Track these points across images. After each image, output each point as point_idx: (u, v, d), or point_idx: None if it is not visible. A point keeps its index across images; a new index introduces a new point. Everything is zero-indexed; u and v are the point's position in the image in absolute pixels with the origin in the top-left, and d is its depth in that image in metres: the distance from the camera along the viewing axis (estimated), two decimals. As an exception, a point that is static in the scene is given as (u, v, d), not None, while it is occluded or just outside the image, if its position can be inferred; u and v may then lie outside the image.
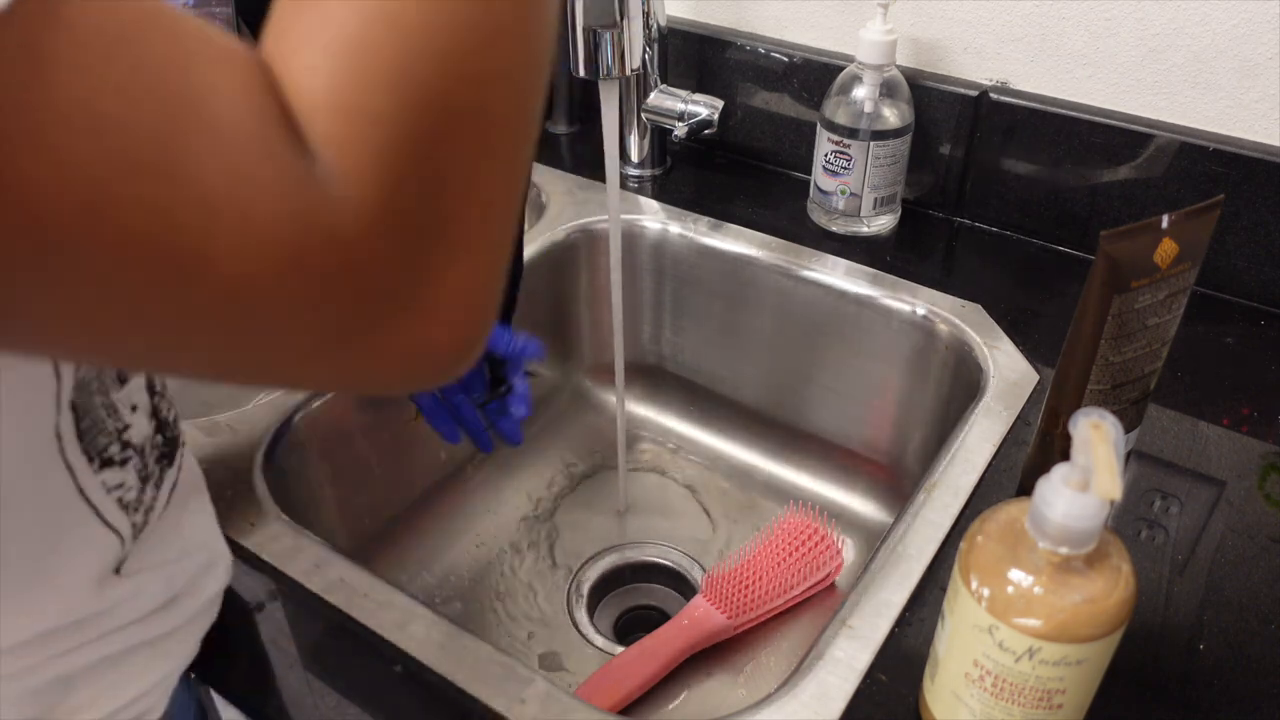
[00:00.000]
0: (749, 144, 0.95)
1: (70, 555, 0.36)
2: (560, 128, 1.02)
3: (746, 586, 0.70)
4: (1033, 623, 0.40)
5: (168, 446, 0.41)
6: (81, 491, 0.36)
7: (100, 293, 0.22)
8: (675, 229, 0.87)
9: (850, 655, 0.51)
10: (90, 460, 0.36)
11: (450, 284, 0.27)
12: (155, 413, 0.40)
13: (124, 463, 0.37)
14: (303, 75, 0.25)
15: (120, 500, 0.37)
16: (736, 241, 0.84)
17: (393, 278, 0.25)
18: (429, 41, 0.26)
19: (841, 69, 0.82)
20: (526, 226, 0.92)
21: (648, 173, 0.94)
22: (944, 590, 0.45)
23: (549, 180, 0.93)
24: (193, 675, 0.52)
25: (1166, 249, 0.52)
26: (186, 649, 0.46)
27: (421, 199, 0.26)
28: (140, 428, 0.38)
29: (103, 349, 0.25)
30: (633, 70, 0.65)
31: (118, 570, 0.39)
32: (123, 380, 0.37)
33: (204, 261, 0.22)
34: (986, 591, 0.41)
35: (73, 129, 0.20)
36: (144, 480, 0.39)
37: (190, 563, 0.44)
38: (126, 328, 0.23)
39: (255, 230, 0.23)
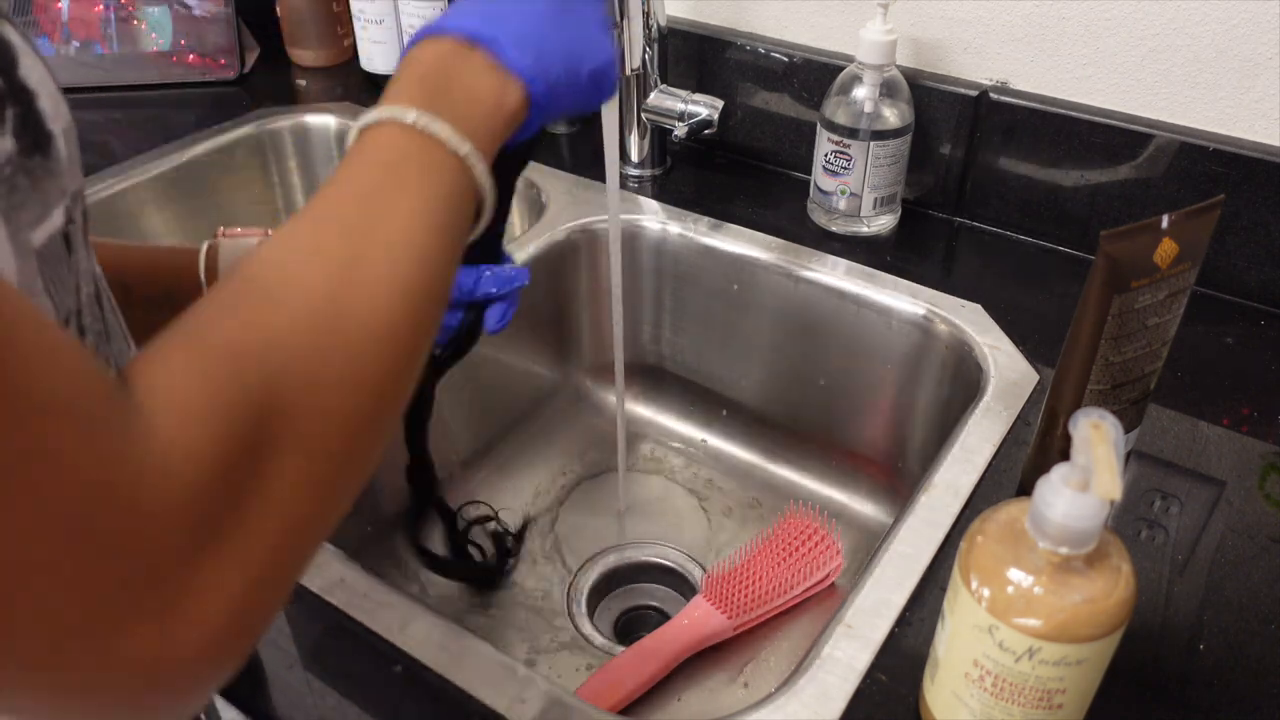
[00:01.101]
0: (749, 144, 0.95)
1: None
2: (560, 128, 1.02)
3: (746, 586, 0.70)
4: (1033, 623, 0.40)
5: None
6: None
7: None
8: (675, 229, 0.87)
9: (850, 655, 0.51)
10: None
11: (227, 595, 0.26)
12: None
13: None
14: (156, 364, 0.26)
15: None
16: (736, 241, 0.84)
17: (170, 569, 0.24)
18: (305, 351, 0.28)
19: (841, 69, 0.82)
20: (527, 226, 0.92)
21: (648, 173, 0.94)
22: (944, 590, 0.45)
23: (549, 180, 0.93)
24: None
25: (1166, 249, 0.52)
26: None
27: (233, 499, 0.26)
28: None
29: None
30: (633, 70, 0.65)
31: None
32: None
33: None
34: (986, 591, 0.41)
35: None
36: None
37: None
38: None
39: (44, 494, 0.22)
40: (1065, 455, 0.39)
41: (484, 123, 0.38)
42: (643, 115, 0.90)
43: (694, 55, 0.93)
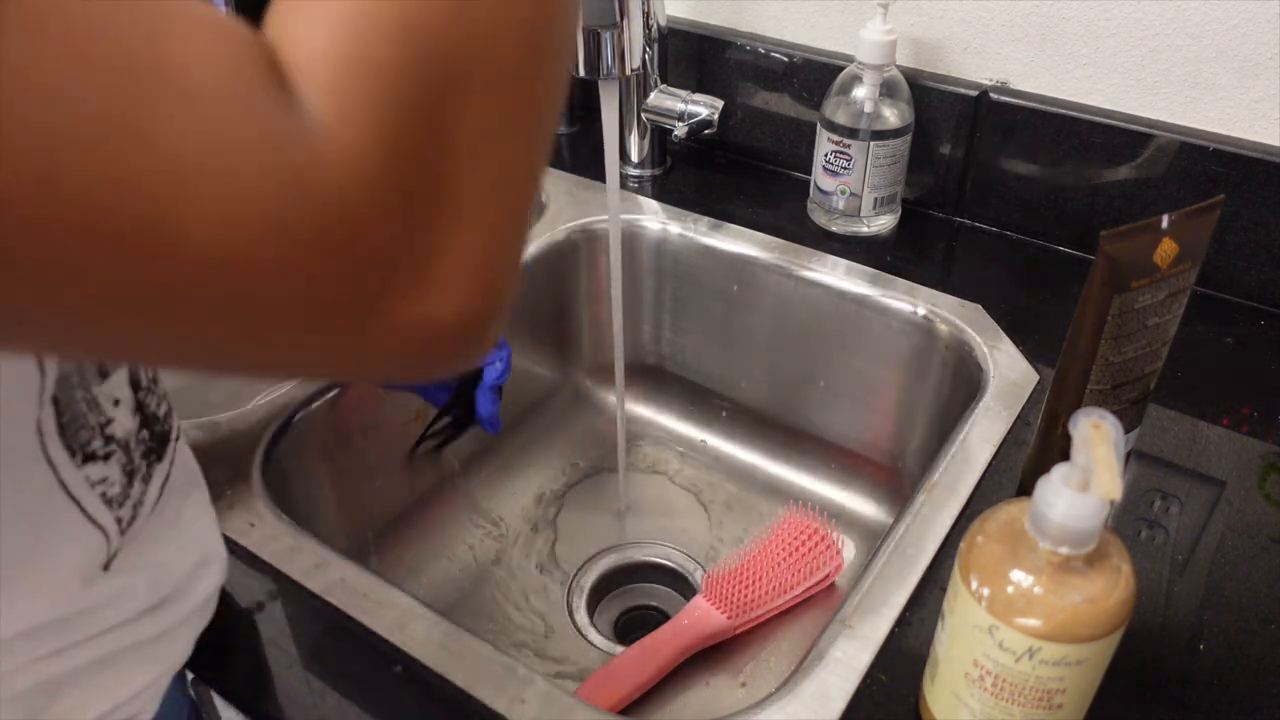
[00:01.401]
0: (749, 144, 0.95)
1: (54, 550, 0.36)
2: (560, 128, 1.02)
3: (746, 586, 0.70)
4: (1033, 623, 0.40)
5: (155, 442, 0.40)
6: (64, 486, 0.35)
7: (65, 276, 0.20)
8: (675, 229, 0.87)
9: (850, 655, 0.51)
10: (72, 455, 0.35)
11: (458, 256, 0.25)
12: (140, 408, 0.39)
13: (107, 457, 0.37)
14: (302, 31, 0.23)
15: (104, 495, 0.37)
16: (736, 241, 0.84)
17: (391, 246, 0.23)
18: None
19: (841, 69, 0.82)
20: (526, 226, 0.92)
21: (648, 173, 0.94)
22: (944, 590, 0.45)
23: (549, 180, 0.93)
24: (190, 677, 0.52)
25: (1166, 249, 0.52)
26: (177, 652, 0.45)
27: (425, 161, 0.24)
28: (123, 422, 0.38)
29: (74, 340, 0.23)
30: (633, 70, 0.65)
31: (107, 566, 0.39)
32: (104, 374, 0.37)
33: (177, 233, 0.20)
34: (986, 591, 0.41)
35: (18, 96, 0.18)
36: (129, 475, 0.38)
37: (183, 561, 0.44)
38: (98, 314, 0.21)
39: (232, 196, 0.21)
40: (1065, 455, 0.39)
41: None
42: (643, 115, 0.90)
43: (694, 55, 0.93)
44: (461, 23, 0.25)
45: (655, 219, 0.88)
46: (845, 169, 0.82)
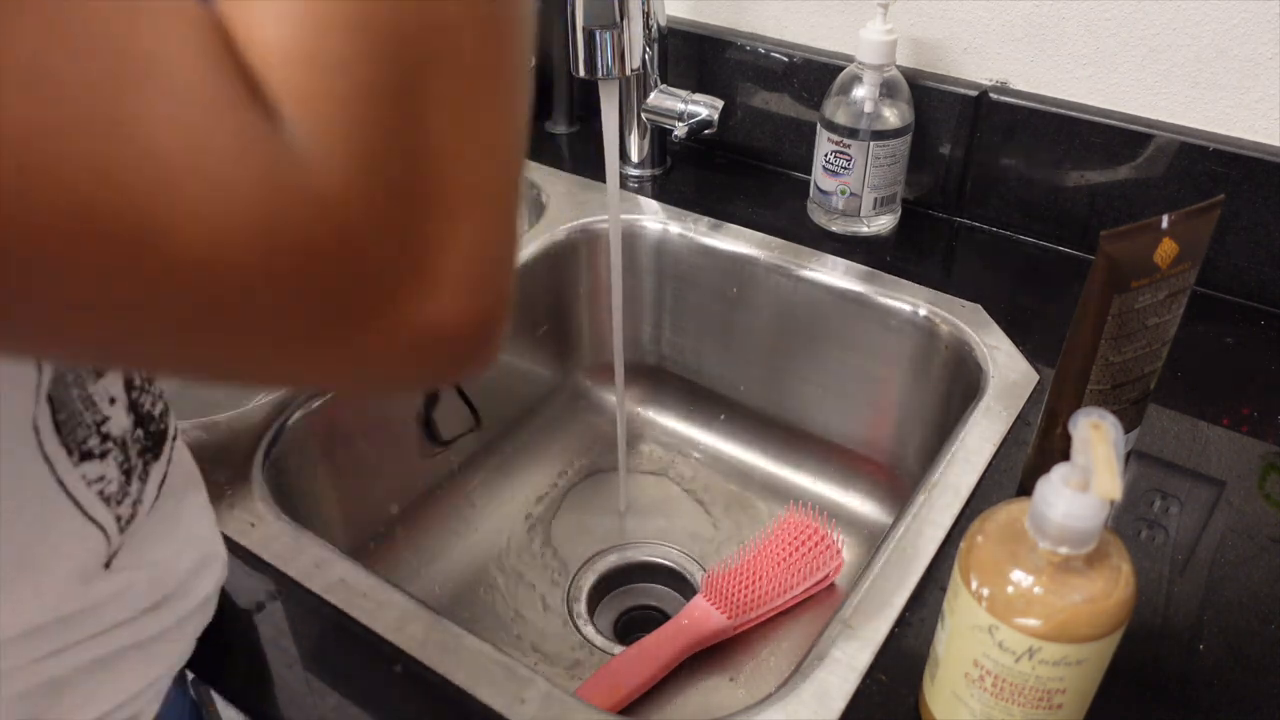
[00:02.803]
0: (749, 144, 0.95)
1: (53, 549, 0.36)
2: (560, 128, 1.02)
3: (746, 586, 0.70)
4: (1033, 623, 0.40)
5: (151, 440, 0.40)
6: (61, 484, 0.35)
7: (46, 272, 0.19)
8: (675, 229, 0.87)
9: (850, 655, 0.51)
10: (69, 453, 0.35)
11: (454, 248, 0.24)
12: (135, 407, 0.39)
13: (103, 455, 0.37)
14: (256, 27, 0.22)
15: (101, 493, 0.37)
16: (736, 241, 0.84)
17: (387, 245, 0.23)
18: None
19: (841, 69, 0.82)
20: (526, 226, 0.92)
21: (648, 173, 0.94)
22: (944, 590, 0.45)
23: (549, 180, 0.93)
24: (190, 677, 0.52)
25: (1166, 249, 0.52)
26: (178, 652, 0.45)
27: (404, 154, 0.23)
28: (119, 420, 0.38)
29: (57, 342, 0.22)
30: (633, 70, 0.65)
31: (107, 565, 0.39)
32: (99, 373, 0.37)
33: (160, 232, 0.20)
34: (986, 591, 0.41)
35: None
36: (126, 474, 0.38)
37: (183, 560, 0.44)
38: (80, 315, 0.21)
39: (218, 194, 0.20)
40: (1065, 455, 0.39)
41: None
42: (643, 115, 0.90)
43: (694, 55, 0.93)
44: (420, 13, 0.24)
45: (655, 219, 0.88)
46: (845, 169, 0.82)
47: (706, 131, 0.87)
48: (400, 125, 0.23)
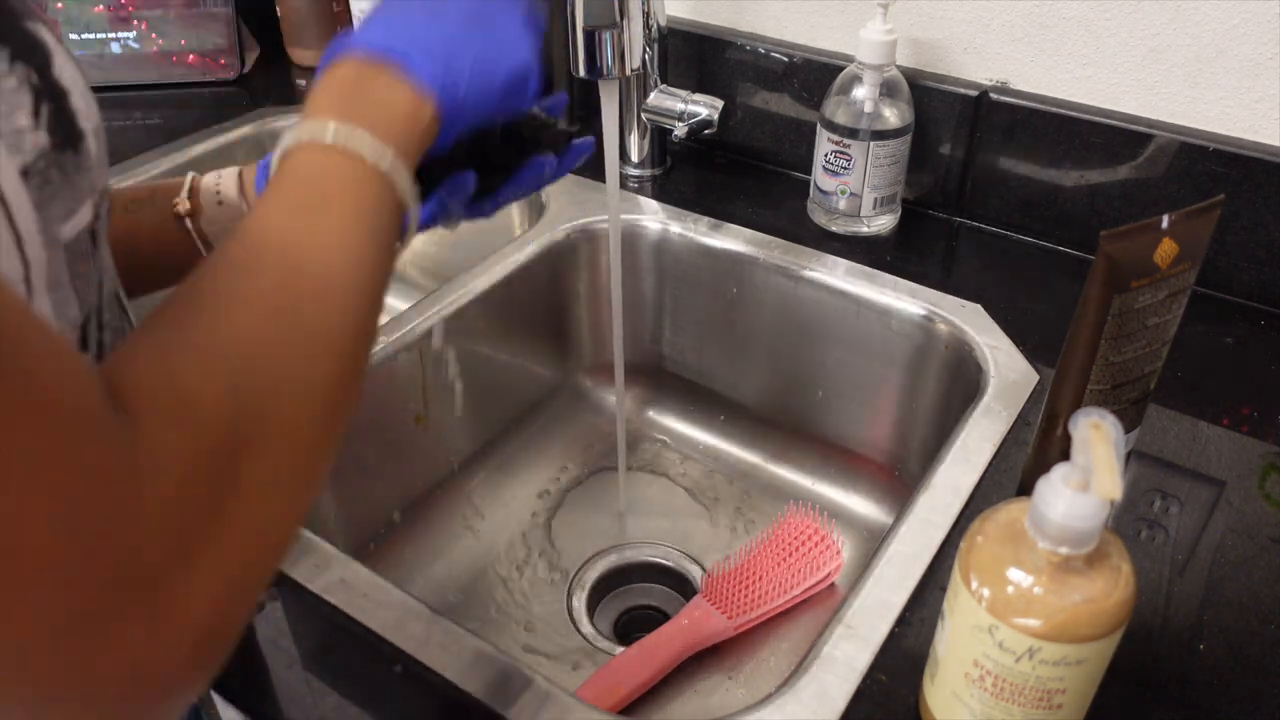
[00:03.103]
0: (749, 144, 0.95)
1: None
2: (560, 127, 1.02)
3: (746, 586, 0.70)
4: (1033, 623, 0.40)
5: None
6: None
7: None
8: (675, 229, 0.87)
9: (850, 655, 0.51)
10: None
11: (208, 595, 0.26)
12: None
13: None
14: (137, 366, 0.27)
15: None
16: (736, 241, 0.84)
17: (155, 569, 0.25)
18: (265, 355, 0.29)
19: (841, 69, 0.82)
20: (527, 226, 0.92)
21: (648, 173, 0.94)
22: (944, 590, 0.45)
23: (549, 180, 0.93)
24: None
25: (1166, 249, 0.52)
26: None
27: (213, 498, 0.26)
28: None
29: None
30: (633, 70, 0.65)
31: None
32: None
33: None
34: (986, 591, 0.41)
35: None
36: None
37: None
38: None
39: (37, 489, 0.22)
40: (1065, 455, 0.39)
41: (401, 135, 0.38)
42: (643, 115, 0.90)
43: (694, 55, 0.93)
44: (273, 373, 0.30)
45: (655, 219, 0.88)
46: (845, 169, 0.82)
47: (706, 131, 0.87)
48: (222, 474, 0.27)
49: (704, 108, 0.86)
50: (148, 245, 0.54)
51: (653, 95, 0.89)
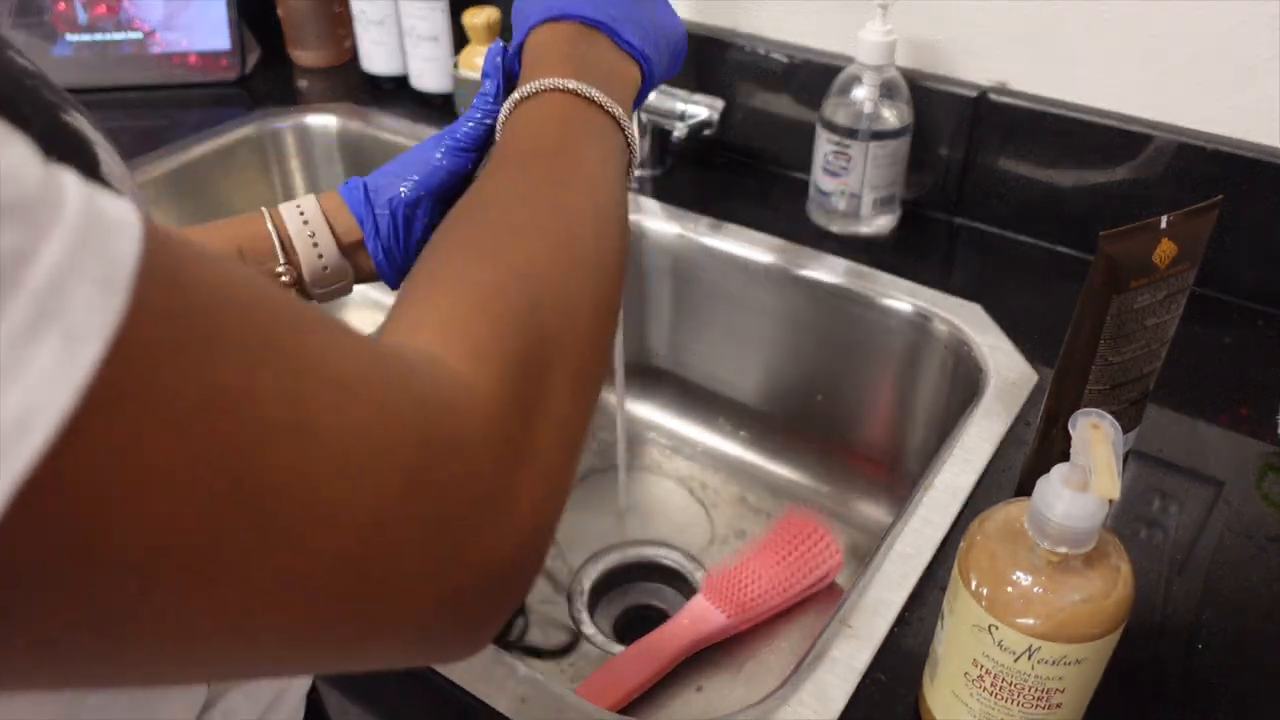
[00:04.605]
0: (749, 144, 0.95)
1: (162, 697, 0.34)
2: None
3: (746, 586, 0.70)
4: (1032, 622, 0.40)
5: None
6: None
7: (244, 561, 0.21)
8: (675, 229, 0.87)
9: (850, 655, 0.51)
10: None
11: (531, 502, 0.28)
12: None
13: None
14: (428, 313, 0.30)
15: None
16: (736, 241, 0.84)
17: (491, 492, 0.27)
18: (555, 281, 0.32)
19: (841, 69, 0.82)
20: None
21: (647, 173, 0.94)
22: (944, 590, 0.46)
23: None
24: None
25: (1165, 249, 0.52)
26: None
27: (529, 416, 0.29)
28: None
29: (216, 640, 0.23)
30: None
31: (207, 702, 0.37)
32: None
33: (337, 507, 0.22)
34: (986, 591, 0.41)
35: (200, 408, 0.20)
36: None
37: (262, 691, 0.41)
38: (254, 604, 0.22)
39: (379, 465, 0.23)
40: (1065, 455, 0.39)
41: (621, 93, 0.43)
42: (643, 115, 0.90)
43: (694, 55, 0.93)
44: (563, 296, 0.32)
45: (655, 219, 0.88)
46: (845, 169, 0.82)
47: (706, 132, 0.87)
48: (533, 394, 0.29)
49: (704, 108, 0.86)
50: None
51: (653, 95, 0.89)
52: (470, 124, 0.48)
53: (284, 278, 0.51)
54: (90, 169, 0.29)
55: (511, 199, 0.36)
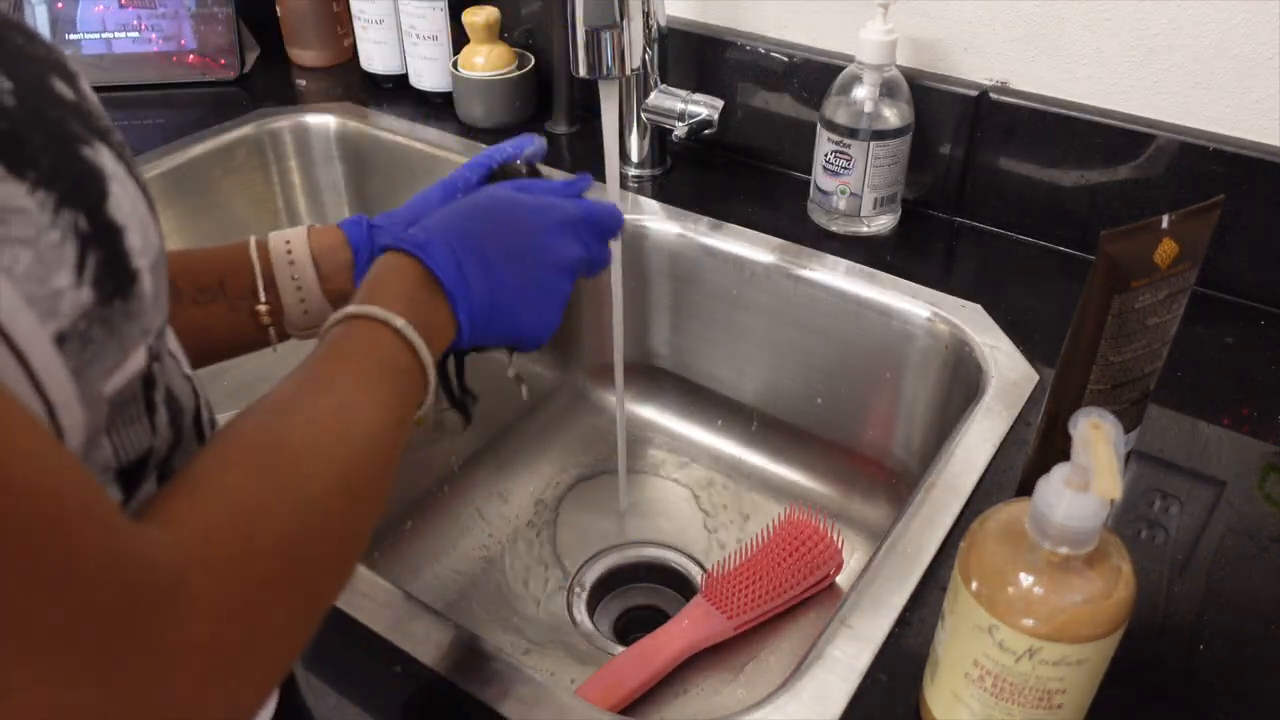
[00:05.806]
0: (749, 144, 0.95)
1: None
2: (560, 128, 1.02)
3: (746, 587, 0.70)
4: (1033, 623, 0.40)
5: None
6: None
7: None
8: (675, 229, 0.87)
9: (850, 655, 0.51)
10: None
11: (233, 710, 0.30)
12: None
13: None
14: (181, 503, 0.31)
15: None
16: (736, 241, 0.84)
17: (190, 682, 0.27)
18: (303, 521, 0.33)
19: (841, 69, 0.82)
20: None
21: (648, 173, 0.94)
22: (944, 590, 0.45)
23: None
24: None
25: (1166, 249, 0.52)
26: None
27: (248, 622, 0.30)
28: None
29: None
30: (633, 70, 0.65)
31: None
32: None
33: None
34: (987, 592, 0.41)
35: None
36: None
37: None
38: None
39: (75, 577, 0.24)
40: (1065, 455, 0.39)
41: (438, 347, 0.46)
42: (643, 115, 0.90)
43: (694, 55, 0.93)
44: (326, 533, 0.34)
45: (655, 219, 0.88)
46: (845, 169, 0.82)
47: (706, 131, 0.87)
48: (253, 619, 0.30)
49: (704, 108, 0.86)
50: (224, 344, 0.54)
51: (653, 95, 0.89)
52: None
53: (264, 318, 0.54)
54: (95, 205, 0.29)
55: (303, 426, 0.37)
